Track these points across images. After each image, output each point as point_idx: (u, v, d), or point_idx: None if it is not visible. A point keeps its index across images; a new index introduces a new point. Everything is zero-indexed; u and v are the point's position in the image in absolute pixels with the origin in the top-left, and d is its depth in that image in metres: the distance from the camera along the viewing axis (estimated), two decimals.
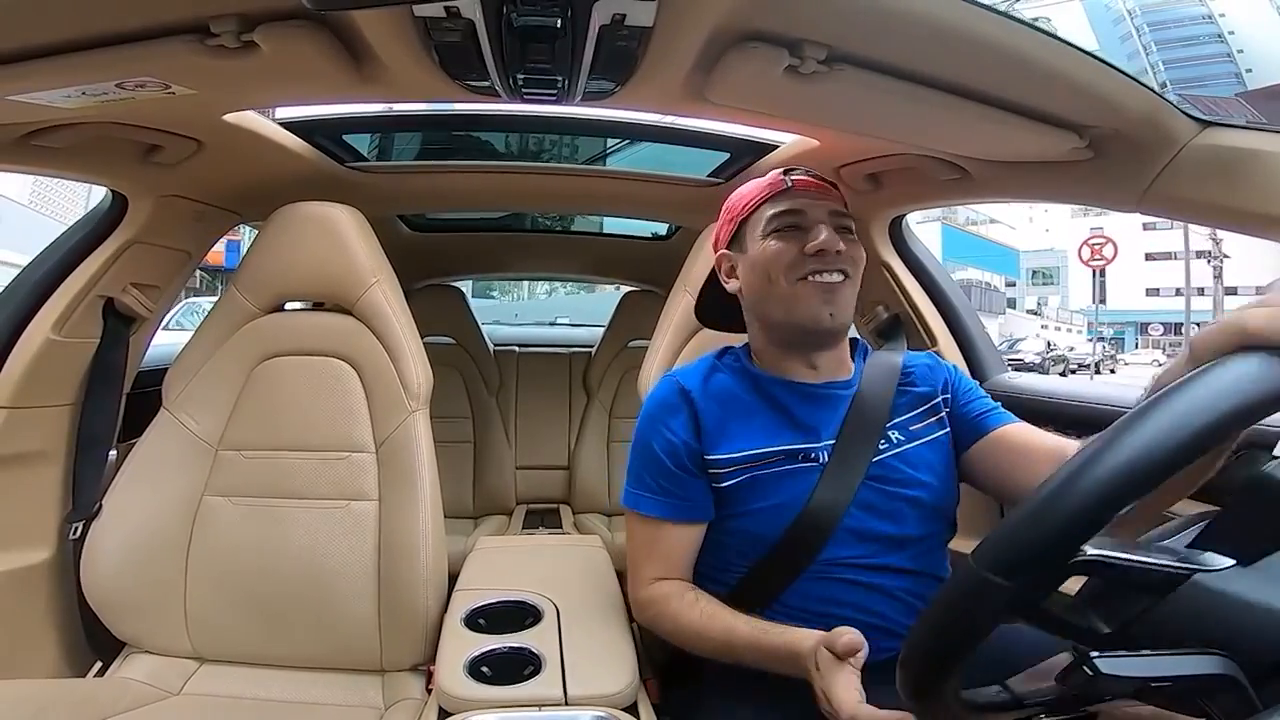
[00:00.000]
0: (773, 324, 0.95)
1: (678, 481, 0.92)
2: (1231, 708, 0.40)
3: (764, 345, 0.98)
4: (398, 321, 1.17)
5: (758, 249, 0.94)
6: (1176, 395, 0.42)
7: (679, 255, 1.35)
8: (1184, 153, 0.85)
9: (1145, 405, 0.43)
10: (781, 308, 0.92)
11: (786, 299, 0.90)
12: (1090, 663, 0.41)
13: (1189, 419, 0.41)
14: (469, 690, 0.84)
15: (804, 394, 0.94)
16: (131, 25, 0.71)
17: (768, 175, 0.98)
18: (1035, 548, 0.43)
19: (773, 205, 0.94)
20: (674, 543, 0.94)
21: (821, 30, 0.73)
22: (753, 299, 0.97)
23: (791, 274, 0.90)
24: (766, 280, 0.92)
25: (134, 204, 1.22)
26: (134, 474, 1.15)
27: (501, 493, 2.35)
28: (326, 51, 0.78)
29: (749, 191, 0.98)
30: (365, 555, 1.12)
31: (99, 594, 1.12)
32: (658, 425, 0.95)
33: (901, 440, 0.93)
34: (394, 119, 1.51)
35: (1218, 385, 0.42)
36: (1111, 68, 0.76)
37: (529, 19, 0.69)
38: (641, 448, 0.96)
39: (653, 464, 0.94)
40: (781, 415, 0.93)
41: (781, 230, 0.92)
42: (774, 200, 0.94)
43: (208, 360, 1.19)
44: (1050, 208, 26.25)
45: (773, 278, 0.91)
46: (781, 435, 0.91)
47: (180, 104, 0.88)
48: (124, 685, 1.08)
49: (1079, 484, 0.42)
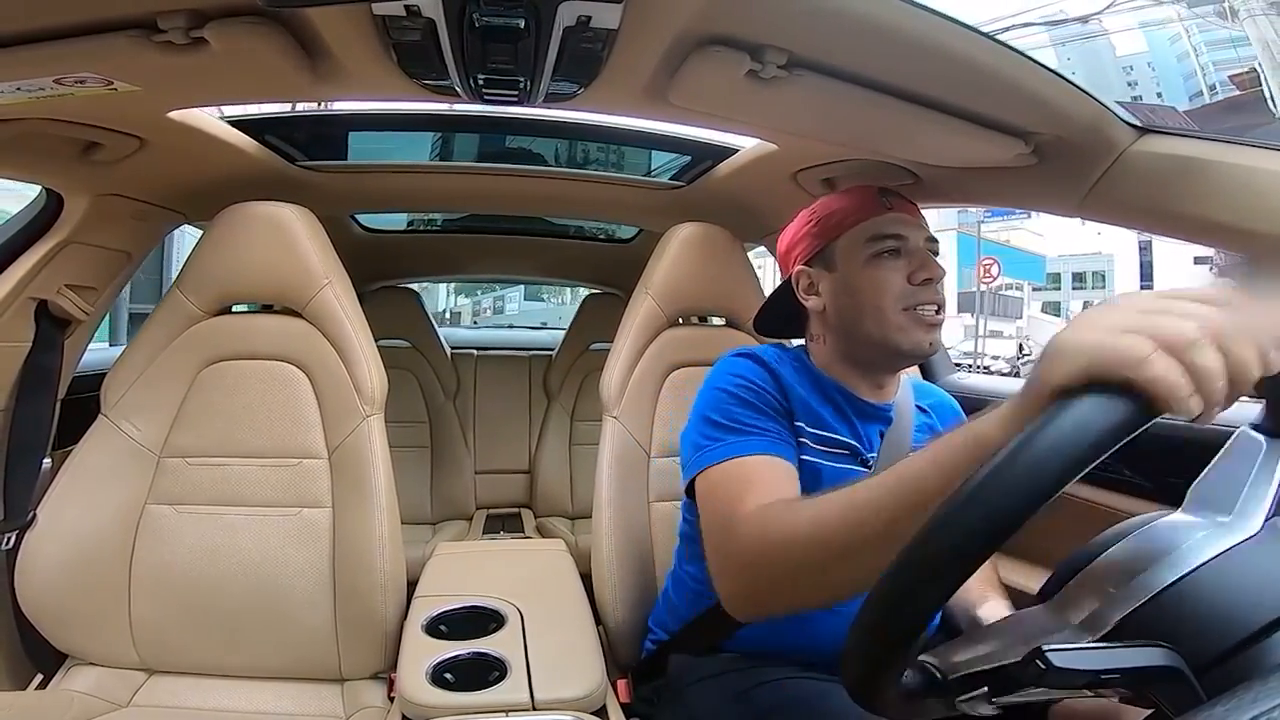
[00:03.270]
0: (863, 344, 0.92)
1: (771, 422, 0.86)
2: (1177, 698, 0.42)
3: (834, 359, 0.96)
4: (350, 324, 1.15)
5: (857, 272, 0.91)
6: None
7: (641, 258, 1.36)
8: (1122, 159, 0.88)
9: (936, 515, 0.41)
10: (882, 333, 0.89)
11: (892, 327, 0.89)
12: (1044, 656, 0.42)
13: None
14: (432, 697, 0.83)
15: (859, 408, 0.94)
16: (73, 20, 0.68)
17: (856, 192, 0.97)
18: (877, 664, 0.44)
19: (873, 226, 0.92)
20: (776, 475, 0.81)
21: (783, 35, 0.74)
22: (843, 319, 0.93)
23: (900, 303, 0.88)
24: (870, 306, 0.90)
25: (70, 202, 1.16)
26: (70, 482, 1.10)
27: (460, 498, 2.32)
28: (280, 49, 0.76)
29: (841, 207, 0.95)
30: (319, 563, 1.10)
31: (36, 605, 1.07)
32: (742, 378, 0.89)
33: None
34: (348, 117, 1.48)
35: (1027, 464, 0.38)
36: (1058, 76, 0.79)
37: (492, 19, 0.68)
38: (719, 398, 0.88)
39: (742, 408, 0.86)
40: (842, 417, 0.93)
41: (884, 255, 0.90)
42: (873, 221, 0.92)
43: (149, 365, 1.14)
44: None
45: (879, 305, 0.89)
46: (842, 432, 0.91)
47: (122, 101, 0.85)
48: (68, 697, 1.03)
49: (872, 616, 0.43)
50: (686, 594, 0.98)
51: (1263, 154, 0.79)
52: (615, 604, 1.10)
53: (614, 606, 1.10)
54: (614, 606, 1.10)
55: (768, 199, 1.46)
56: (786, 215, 1.49)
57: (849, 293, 0.92)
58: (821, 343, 0.98)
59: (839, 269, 0.93)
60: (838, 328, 0.95)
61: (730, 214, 1.48)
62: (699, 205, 1.57)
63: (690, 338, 1.29)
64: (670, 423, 1.22)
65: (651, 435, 1.22)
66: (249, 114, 1.28)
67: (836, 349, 0.96)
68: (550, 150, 1.68)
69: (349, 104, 1.42)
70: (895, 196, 0.95)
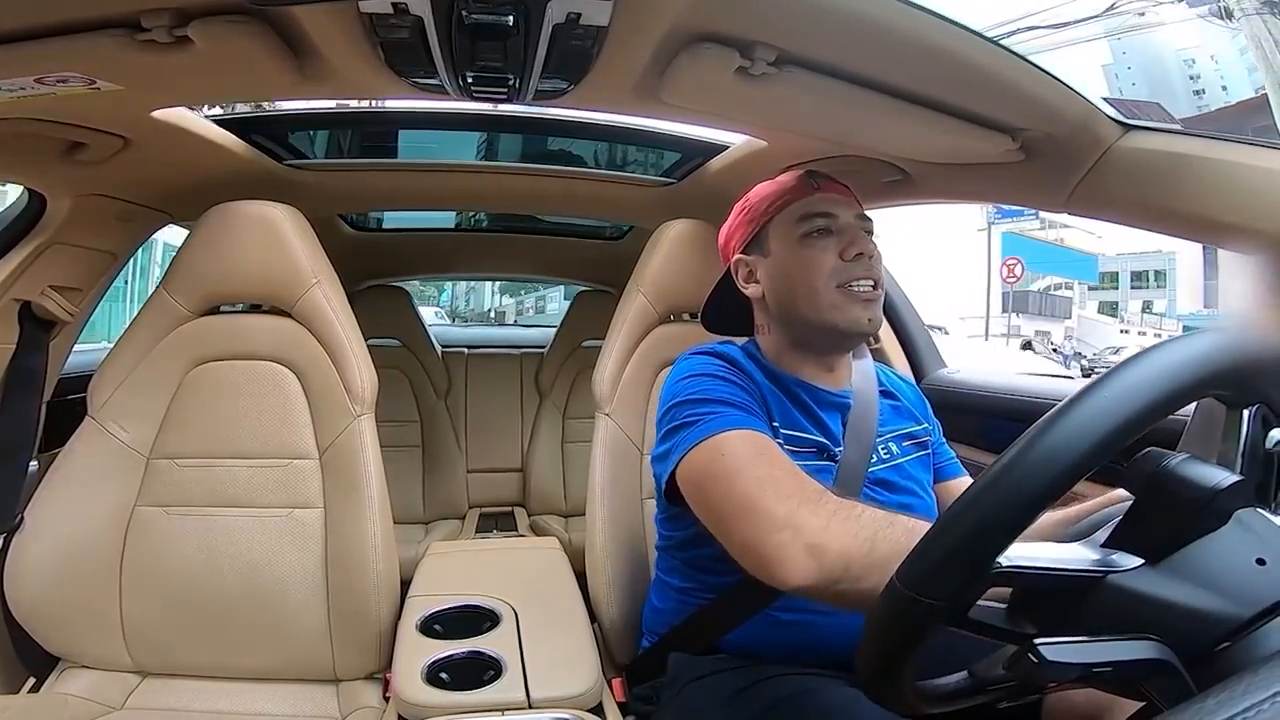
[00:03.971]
0: (803, 327, 0.93)
1: (749, 398, 0.85)
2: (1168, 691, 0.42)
3: (782, 348, 0.96)
4: (340, 323, 1.14)
5: (789, 253, 0.91)
6: (1075, 407, 0.43)
7: (631, 255, 1.36)
8: (1108, 155, 0.89)
9: (1048, 417, 0.44)
10: (818, 313, 0.90)
11: (826, 305, 0.89)
12: (1036, 650, 0.43)
13: (1084, 430, 0.42)
14: (428, 696, 0.83)
15: (818, 397, 0.94)
16: (55, 18, 0.67)
17: (785, 177, 0.97)
18: (949, 563, 0.45)
19: (801, 207, 0.92)
20: (774, 453, 0.78)
21: (772, 32, 0.74)
22: (780, 303, 0.94)
23: (832, 280, 0.88)
24: (803, 286, 0.90)
25: (53, 203, 1.15)
26: (58, 485, 1.09)
27: (453, 497, 2.31)
28: (266, 48, 0.75)
29: (771, 192, 0.96)
30: (312, 563, 1.09)
31: (26, 608, 1.06)
32: (713, 363, 0.89)
33: (895, 454, 0.95)
34: (336, 115, 1.47)
35: (1120, 388, 0.43)
36: (1044, 72, 0.80)
37: (480, 16, 0.68)
38: (689, 384, 0.86)
39: (718, 383, 0.85)
40: (806, 413, 0.92)
41: (814, 234, 0.90)
42: (802, 202, 0.92)
43: (136, 366, 1.13)
44: None
45: (811, 284, 0.89)
46: (811, 429, 0.91)
47: (106, 100, 0.84)
48: (61, 700, 1.03)
49: (983, 501, 0.44)
50: (672, 601, 0.98)
51: (1246, 150, 0.80)
52: (610, 601, 1.10)
53: (608, 604, 1.10)
54: (608, 604, 1.10)
55: None
56: None
57: (783, 275, 0.92)
58: (767, 332, 0.97)
59: (772, 253, 0.94)
60: (777, 314, 0.95)
61: (721, 210, 1.47)
62: (690, 202, 1.57)
63: (682, 334, 1.28)
64: None
65: (644, 432, 1.22)
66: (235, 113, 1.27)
67: (783, 337, 0.96)
68: (540, 148, 1.67)
69: (337, 101, 1.41)
70: (823, 178, 0.96)
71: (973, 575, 0.44)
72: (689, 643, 0.94)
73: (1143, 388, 0.42)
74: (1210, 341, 0.45)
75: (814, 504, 0.69)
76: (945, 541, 0.46)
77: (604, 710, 0.86)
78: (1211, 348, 0.45)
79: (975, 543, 0.44)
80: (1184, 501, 0.44)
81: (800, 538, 0.66)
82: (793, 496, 0.70)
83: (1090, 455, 0.41)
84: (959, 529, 0.45)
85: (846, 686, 0.79)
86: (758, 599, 0.84)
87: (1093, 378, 0.45)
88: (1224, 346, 0.45)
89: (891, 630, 0.47)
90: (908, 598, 0.45)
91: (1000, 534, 0.43)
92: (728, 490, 0.75)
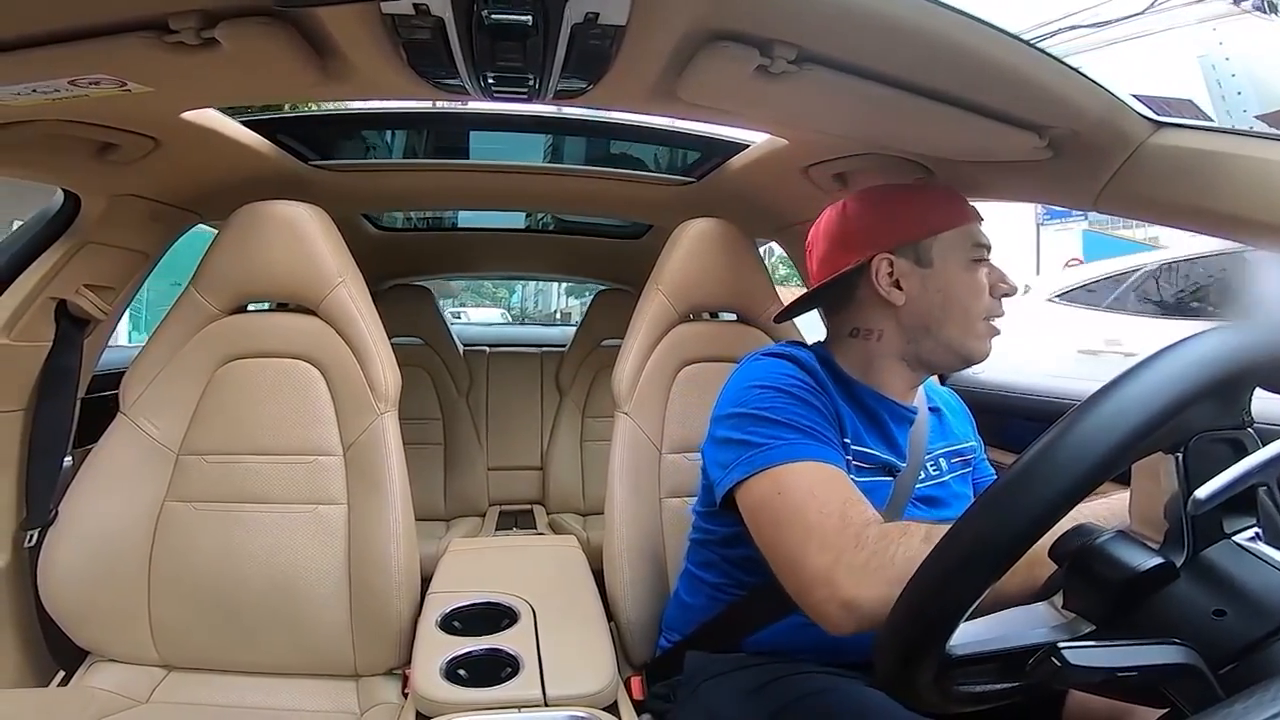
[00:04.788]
0: (937, 345, 0.91)
1: (828, 426, 0.83)
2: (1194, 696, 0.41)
3: (883, 358, 0.93)
4: (364, 322, 1.15)
5: (956, 273, 0.90)
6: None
7: (651, 253, 1.35)
8: (1139, 152, 0.87)
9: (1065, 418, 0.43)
10: (963, 338, 0.90)
11: (972, 333, 0.89)
12: (1059, 653, 0.42)
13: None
14: (446, 693, 0.83)
15: (894, 412, 0.93)
16: (86, 22, 0.68)
17: (943, 193, 0.95)
18: (909, 650, 0.46)
19: (974, 231, 0.91)
20: (849, 489, 0.77)
21: (792, 30, 0.73)
22: (926, 317, 0.90)
23: (984, 311, 0.89)
24: (959, 308, 0.89)
25: (87, 203, 1.18)
26: (91, 480, 1.11)
27: (473, 494, 2.33)
28: (291, 49, 0.76)
29: (942, 204, 0.93)
30: (335, 559, 1.11)
31: (58, 602, 1.08)
32: (793, 378, 0.86)
33: (942, 471, 0.96)
34: (360, 116, 1.49)
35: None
36: (1071, 69, 0.78)
37: (500, 16, 0.68)
38: (766, 395, 0.84)
39: (798, 406, 0.83)
40: (879, 428, 0.92)
41: (980, 262, 0.90)
42: (975, 226, 0.92)
43: (167, 363, 1.15)
44: None
45: (968, 309, 0.89)
46: (881, 448, 0.90)
47: (137, 101, 0.85)
48: (89, 694, 1.05)
49: (919, 594, 0.45)
50: (702, 597, 0.98)
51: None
52: (627, 600, 1.10)
53: (626, 602, 1.11)
54: (626, 602, 1.11)
55: (779, 194, 1.46)
56: (798, 210, 1.50)
57: (943, 291, 0.89)
58: (874, 339, 0.93)
59: (935, 266, 0.90)
60: (912, 325, 0.91)
61: (741, 209, 1.48)
62: (709, 201, 1.57)
63: (701, 334, 1.28)
64: (681, 419, 1.22)
65: (663, 431, 1.22)
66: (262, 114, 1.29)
67: (900, 347, 0.92)
68: (561, 147, 1.68)
69: (361, 103, 1.43)
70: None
71: (934, 661, 0.45)
72: (714, 639, 0.94)
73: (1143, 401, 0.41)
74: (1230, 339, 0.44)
75: (853, 549, 0.68)
76: (898, 630, 0.46)
77: (619, 709, 0.86)
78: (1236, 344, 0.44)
79: (924, 634, 0.45)
80: (1110, 583, 0.44)
81: (837, 595, 0.67)
82: (834, 546, 0.70)
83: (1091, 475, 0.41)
84: (907, 623, 0.46)
85: (865, 686, 0.78)
86: (790, 601, 0.84)
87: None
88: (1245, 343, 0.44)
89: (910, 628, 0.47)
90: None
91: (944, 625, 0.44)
92: (775, 535, 0.76)
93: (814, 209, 1.46)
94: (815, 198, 1.36)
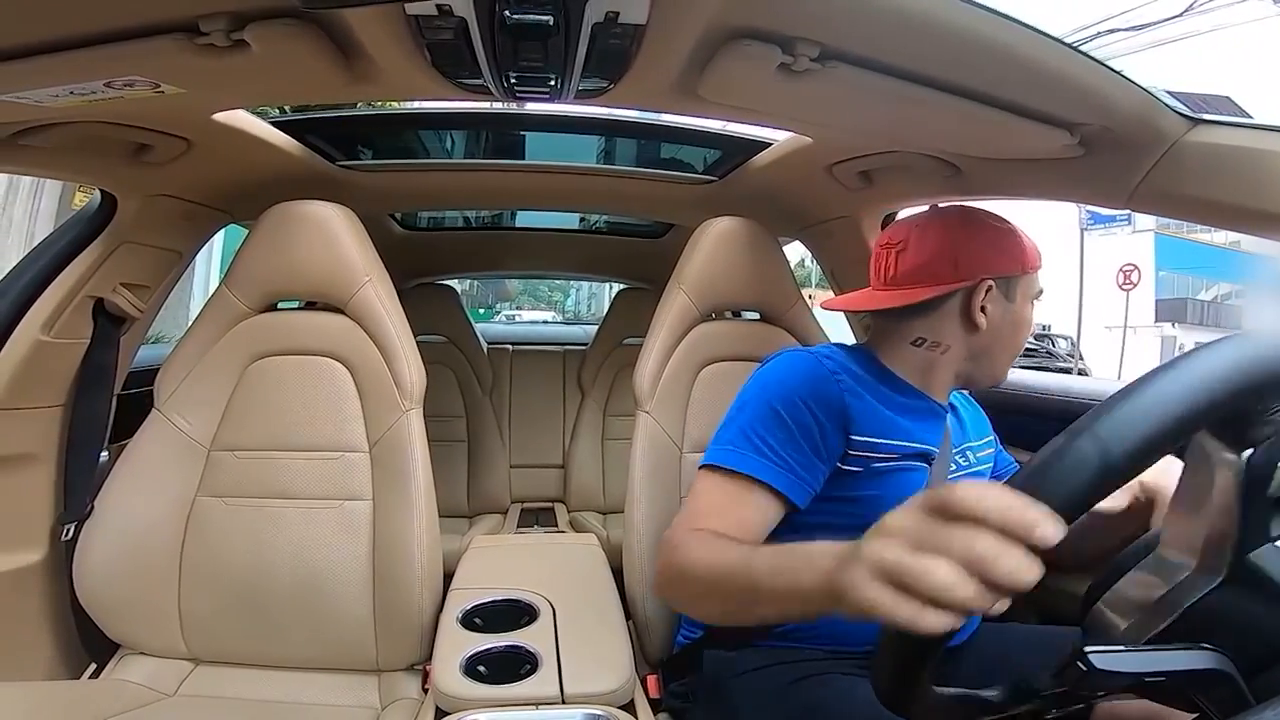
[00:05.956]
0: (985, 369, 0.99)
1: (800, 457, 0.87)
2: (1224, 702, 0.40)
3: (941, 369, 0.98)
4: (390, 320, 1.17)
5: (1024, 313, 0.98)
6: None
7: (673, 252, 1.35)
8: (1174, 149, 0.85)
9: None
10: (1004, 368, 1.00)
11: (1011, 363, 1.00)
12: (1085, 658, 0.41)
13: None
14: (466, 689, 0.84)
15: (931, 408, 0.98)
16: (120, 24, 0.70)
17: (1027, 236, 0.99)
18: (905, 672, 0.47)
19: (1040, 281, 1.00)
20: (754, 512, 0.85)
21: (814, 28, 0.73)
22: (992, 344, 0.97)
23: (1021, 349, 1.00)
24: (1014, 344, 0.98)
25: (123, 203, 1.21)
26: (126, 475, 1.14)
27: (496, 491, 2.35)
28: (317, 50, 0.77)
29: (1033, 248, 0.98)
30: (359, 555, 1.12)
31: (92, 596, 1.11)
32: (795, 396, 0.89)
33: (970, 463, 1.03)
34: (386, 117, 1.50)
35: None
36: (1101, 65, 0.76)
37: (521, 16, 0.68)
38: (763, 410, 0.89)
39: (777, 430, 0.87)
40: (918, 421, 0.96)
41: (1035, 304, 1.00)
42: (1040, 275, 1.00)
43: (199, 361, 1.18)
44: None
45: (1018, 346, 0.99)
46: (913, 434, 0.93)
47: (169, 103, 0.87)
48: (119, 687, 1.08)
49: None
50: None
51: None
52: (646, 599, 1.10)
53: (645, 601, 1.10)
54: (645, 601, 1.10)
55: (803, 193, 1.44)
56: (823, 209, 1.48)
57: (1013, 326, 0.97)
58: (939, 350, 0.97)
59: (1016, 302, 0.97)
60: (979, 348, 0.97)
61: (764, 208, 1.47)
62: (732, 199, 1.56)
63: (723, 333, 1.28)
64: (703, 418, 1.21)
65: (684, 431, 1.22)
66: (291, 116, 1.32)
67: (955, 361, 0.98)
68: (583, 146, 1.68)
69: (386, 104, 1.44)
70: None
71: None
72: (731, 635, 0.93)
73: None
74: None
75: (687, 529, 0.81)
76: None
77: (635, 707, 0.86)
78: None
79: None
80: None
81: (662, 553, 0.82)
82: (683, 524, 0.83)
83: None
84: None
85: None
86: None
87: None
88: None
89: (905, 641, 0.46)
90: None
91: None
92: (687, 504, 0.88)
93: (838, 207, 1.46)
94: (840, 196, 1.35)
